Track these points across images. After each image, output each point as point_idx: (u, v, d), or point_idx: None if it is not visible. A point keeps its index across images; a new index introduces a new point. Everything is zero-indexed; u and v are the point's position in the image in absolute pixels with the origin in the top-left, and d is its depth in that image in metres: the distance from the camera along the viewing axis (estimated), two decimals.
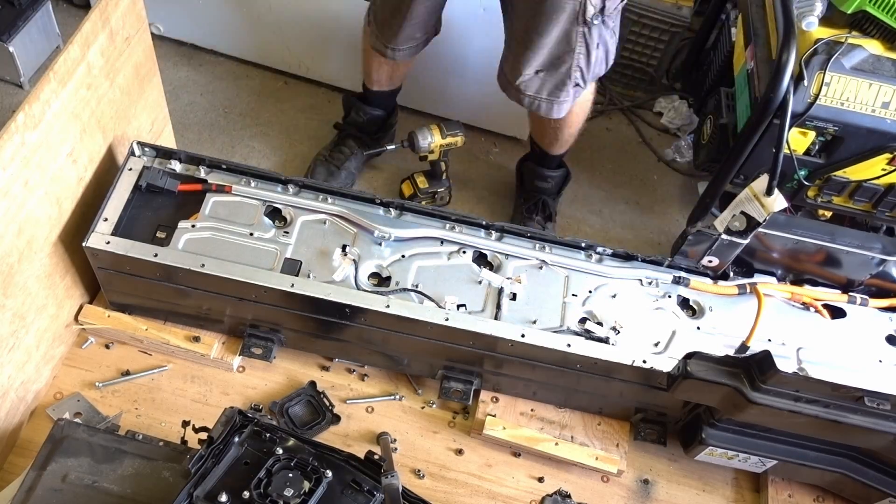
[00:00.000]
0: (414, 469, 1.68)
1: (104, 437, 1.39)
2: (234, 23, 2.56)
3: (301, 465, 1.24)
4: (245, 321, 1.71)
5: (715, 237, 1.64)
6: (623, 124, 2.80)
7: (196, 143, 2.49)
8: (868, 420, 1.44)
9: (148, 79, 1.81)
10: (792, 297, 1.73)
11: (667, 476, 1.75)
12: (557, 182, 2.33)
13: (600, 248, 1.73)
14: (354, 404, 1.74)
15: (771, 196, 1.58)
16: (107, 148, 1.69)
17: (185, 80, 2.65)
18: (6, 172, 1.34)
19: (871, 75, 1.79)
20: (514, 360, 1.62)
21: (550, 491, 1.67)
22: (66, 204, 1.57)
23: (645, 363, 1.55)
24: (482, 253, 1.71)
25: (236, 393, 1.73)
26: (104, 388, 1.69)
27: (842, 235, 1.67)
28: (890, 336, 1.72)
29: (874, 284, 1.74)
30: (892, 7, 1.75)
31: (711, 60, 2.48)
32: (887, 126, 1.81)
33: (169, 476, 1.34)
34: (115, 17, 1.58)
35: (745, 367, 1.46)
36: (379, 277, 1.66)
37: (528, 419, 1.74)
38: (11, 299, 1.45)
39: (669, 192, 2.64)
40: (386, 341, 1.66)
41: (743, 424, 1.59)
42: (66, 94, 1.47)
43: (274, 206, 1.68)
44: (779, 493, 1.72)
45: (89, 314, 1.72)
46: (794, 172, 1.91)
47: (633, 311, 1.66)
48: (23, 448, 1.59)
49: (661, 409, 1.71)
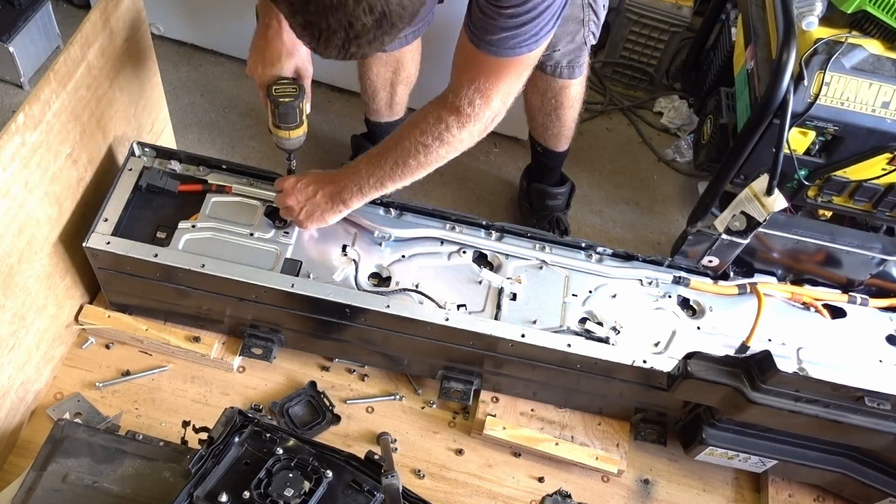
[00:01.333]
0: (414, 469, 1.68)
1: (104, 438, 1.39)
2: (234, 23, 2.56)
3: (301, 465, 1.24)
4: (245, 321, 1.71)
5: (715, 237, 1.64)
6: (623, 124, 2.80)
7: (196, 143, 2.50)
8: (868, 420, 1.44)
9: (148, 79, 1.81)
10: (792, 297, 1.73)
11: (667, 476, 1.75)
12: (566, 197, 2.37)
13: (600, 249, 1.73)
14: (354, 404, 1.74)
15: (771, 196, 1.58)
16: (107, 148, 1.69)
17: (185, 80, 2.65)
18: (6, 173, 1.34)
19: (871, 75, 1.79)
20: (515, 360, 1.62)
21: (550, 491, 1.67)
22: (66, 204, 1.57)
23: (645, 363, 1.55)
24: (482, 253, 1.71)
25: (236, 393, 1.73)
26: (104, 388, 1.69)
27: (842, 235, 1.67)
28: (890, 336, 1.72)
29: (874, 284, 1.74)
30: (892, 7, 1.75)
31: (711, 60, 2.48)
32: (887, 126, 1.81)
33: (169, 476, 1.34)
34: (115, 17, 1.58)
35: (746, 367, 1.46)
36: (379, 277, 1.66)
37: (528, 419, 1.74)
38: (11, 300, 1.46)
39: (669, 192, 2.64)
40: (386, 341, 1.66)
41: (743, 424, 1.59)
42: (66, 94, 1.47)
43: (274, 205, 1.68)
44: (779, 493, 1.72)
45: (89, 314, 1.72)
46: (794, 172, 1.91)
47: (633, 311, 1.66)
48: (23, 448, 1.59)
49: (661, 409, 1.71)
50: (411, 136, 1.48)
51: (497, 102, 1.43)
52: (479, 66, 1.38)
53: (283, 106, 1.52)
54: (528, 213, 2.41)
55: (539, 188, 2.35)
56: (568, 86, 2.01)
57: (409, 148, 1.48)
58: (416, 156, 1.48)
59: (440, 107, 1.45)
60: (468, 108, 1.42)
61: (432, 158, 1.49)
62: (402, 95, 2.18)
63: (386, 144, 1.53)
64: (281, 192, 1.63)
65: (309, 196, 1.59)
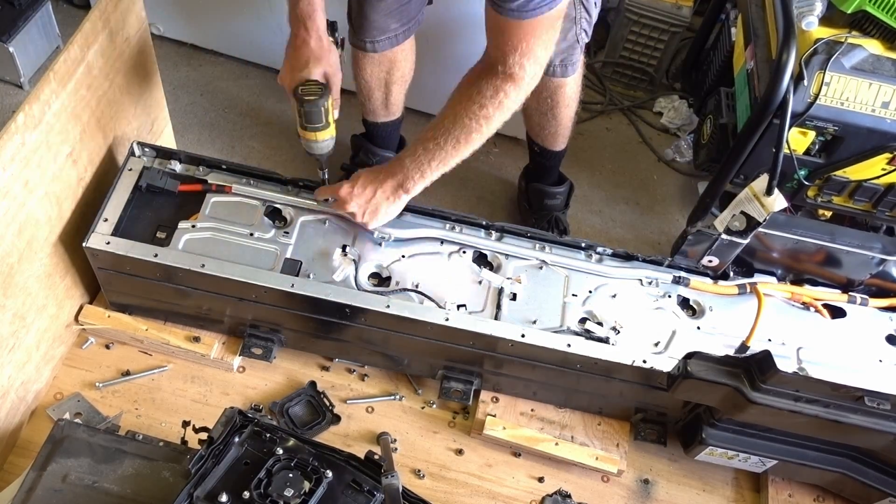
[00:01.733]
0: (414, 469, 1.68)
1: (104, 438, 1.39)
2: (234, 23, 2.56)
3: (301, 465, 1.24)
4: (245, 321, 1.71)
5: (715, 237, 1.64)
6: (623, 124, 2.80)
7: (196, 143, 2.50)
8: (868, 420, 1.44)
9: (148, 79, 1.81)
10: (792, 296, 1.73)
11: (667, 476, 1.75)
12: (564, 196, 2.37)
13: (600, 248, 1.73)
14: (354, 404, 1.74)
15: (771, 196, 1.58)
16: (107, 148, 1.69)
17: (185, 80, 2.65)
18: (6, 172, 1.34)
19: (871, 75, 1.79)
20: (515, 360, 1.62)
21: (550, 491, 1.68)
22: (66, 204, 1.57)
23: (645, 363, 1.55)
24: (482, 253, 1.71)
25: (236, 393, 1.73)
26: (104, 388, 1.69)
27: (842, 235, 1.67)
28: (890, 336, 1.71)
29: (874, 284, 1.74)
30: (892, 7, 1.75)
31: (711, 60, 2.48)
32: (887, 126, 1.81)
33: (169, 476, 1.34)
34: (115, 17, 1.58)
35: (745, 367, 1.46)
36: (379, 277, 1.66)
37: (528, 419, 1.74)
38: (11, 300, 1.46)
39: (669, 192, 2.64)
40: (386, 341, 1.66)
41: (743, 424, 1.59)
42: (66, 94, 1.47)
43: (274, 206, 1.68)
44: (779, 493, 1.72)
45: (89, 314, 1.72)
46: (794, 172, 1.91)
47: (633, 311, 1.66)
48: (23, 448, 1.59)
49: (661, 409, 1.71)
50: (468, 111, 1.52)
51: (544, 57, 1.49)
52: (514, 33, 1.43)
53: (308, 104, 1.53)
54: (527, 214, 2.41)
55: (538, 188, 2.35)
56: (563, 84, 2.02)
57: (468, 123, 1.53)
58: (479, 128, 1.53)
59: (493, 78, 1.49)
60: (520, 72, 1.47)
61: (493, 127, 1.55)
62: (397, 95, 2.18)
63: (438, 126, 1.56)
64: (332, 200, 1.66)
65: (369, 198, 1.62)
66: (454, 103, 1.55)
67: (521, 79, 1.49)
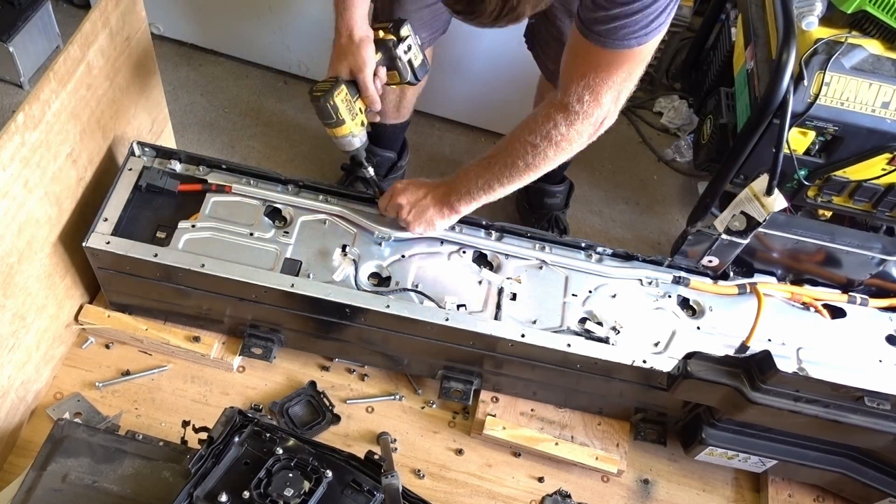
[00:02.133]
0: (414, 469, 1.68)
1: (104, 437, 1.39)
2: (234, 23, 2.56)
3: (301, 465, 1.24)
4: (245, 321, 1.71)
5: (715, 237, 1.64)
6: (623, 124, 2.79)
7: (196, 143, 2.50)
8: (868, 420, 1.44)
9: (148, 79, 1.81)
10: (792, 297, 1.73)
11: (667, 476, 1.75)
12: (564, 196, 2.37)
13: (600, 248, 1.73)
14: (354, 404, 1.74)
15: (771, 196, 1.58)
16: (107, 148, 1.69)
17: (185, 80, 2.65)
18: (6, 172, 1.34)
19: (871, 75, 1.79)
20: (514, 360, 1.62)
21: (550, 491, 1.68)
22: (66, 204, 1.57)
23: (645, 363, 1.55)
24: (482, 253, 1.71)
25: (236, 393, 1.73)
26: (104, 388, 1.69)
27: (842, 235, 1.67)
28: (890, 336, 1.72)
29: (874, 284, 1.74)
30: (892, 7, 1.75)
31: (711, 60, 2.48)
32: (887, 126, 1.81)
33: (169, 476, 1.34)
34: (115, 17, 1.58)
35: (745, 367, 1.46)
36: (379, 277, 1.66)
37: (528, 419, 1.74)
38: (11, 299, 1.45)
39: (669, 192, 2.64)
40: (386, 341, 1.66)
41: (743, 424, 1.59)
42: (66, 94, 1.47)
43: (274, 206, 1.68)
44: (779, 493, 1.72)
45: (89, 314, 1.72)
46: (794, 172, 1.91)
47: (633, 311, 1.66)
48: (23, 448, 1.59)
49: (661, 409, 1.71)
50: (521, 136, 1.46)
51: (608, 100, 1.36)
52: (588, 61, 1.32)
53: (313, 101, 1.53)
54: (527, 213, 2.40)
55: (537, 187, 2.34)
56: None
57: (518, 149, 1.46)
58: (525, 156, 1.45)
59: (550, 106, 1.42)
60: (577, 105, 1.36)
61: (540, 160, 1.46)
62: (410, 98, 2.18)
63: (497, 147, 1.53)
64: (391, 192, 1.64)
65: (419, 197, 1.61)
66: (517, 127, 1.48)
67: (574, 113, 1.37)
